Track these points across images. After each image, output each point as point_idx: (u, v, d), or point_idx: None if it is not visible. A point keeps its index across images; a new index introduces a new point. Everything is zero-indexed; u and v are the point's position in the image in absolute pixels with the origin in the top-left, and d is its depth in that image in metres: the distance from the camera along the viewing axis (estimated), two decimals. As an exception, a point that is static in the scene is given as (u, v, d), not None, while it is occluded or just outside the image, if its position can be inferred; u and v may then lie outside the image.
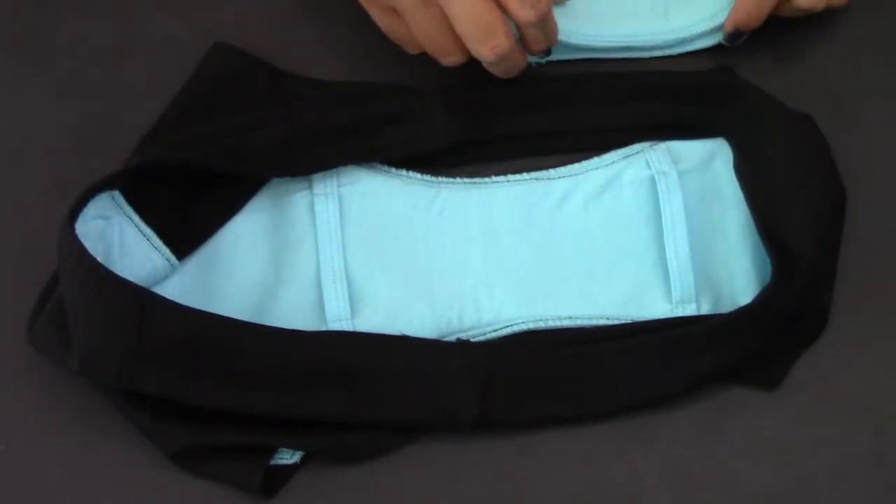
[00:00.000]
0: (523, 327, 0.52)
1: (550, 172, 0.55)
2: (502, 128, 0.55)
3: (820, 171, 0.54)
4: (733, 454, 0.51)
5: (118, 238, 0.50)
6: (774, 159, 0.53)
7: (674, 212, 0.53)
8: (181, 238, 0.52)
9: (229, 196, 0.53)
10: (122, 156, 0.53)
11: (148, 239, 0.51)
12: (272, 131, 0.52)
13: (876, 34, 0.58)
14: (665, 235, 0.53)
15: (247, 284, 0.52)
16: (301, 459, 0.50)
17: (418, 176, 0.54)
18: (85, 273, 0.46)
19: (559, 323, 0.52)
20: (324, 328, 0.52)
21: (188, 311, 0.47)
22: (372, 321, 0.52)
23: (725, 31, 0.55)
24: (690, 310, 0.53)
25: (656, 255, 0.54)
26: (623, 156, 0.55)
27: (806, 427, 0.51)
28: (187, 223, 0.52)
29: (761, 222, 0.53)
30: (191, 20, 0.57)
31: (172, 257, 0.51)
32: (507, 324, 0.52)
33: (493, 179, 0.55)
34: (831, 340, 0.53)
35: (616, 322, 0.52)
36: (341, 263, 0.52)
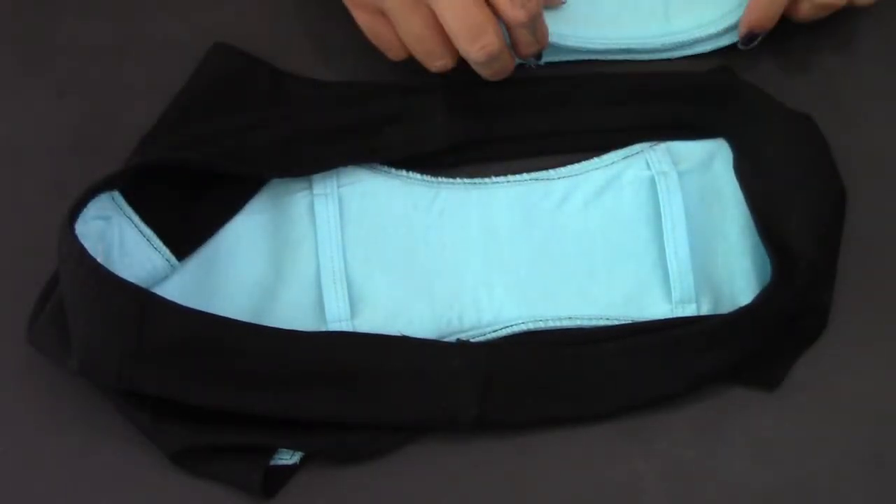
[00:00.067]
0: (523, 327, 0.52)
1: (550, 173, 0.55)
2: (502, 128, 0.55)
3: (820, 171, 0.54)
4: (733, 454, 0.51)
5: (118, 238, 0.50)
6: (774, 159, 0.53)
7: (674, 212, 0.53)
8: (181, 238, 0.52)
9: (229, 196, 0.53)
10: (122, 156, 0.53)
11: (148, 239, 0.51)
12: (272, 131, 0.52)
13: (875, 34, 0.58)
14: (665, 235, 0.53)
15: (247, 284, 0.52)
16: (301, 459, 0.50)
17: (418, 176, 0.54)
18: (85, 273, 0.46)
19: (559, 323, 0.52)
20: (324, 328, 0.52)
21: (188, 312, 0.47)
22: (372, 321, 0.52)
23: (740, 34, 0.55)
24: (690, 310, 0.53)
25: (656, 256, 0.54)
26: (623, 156, 0.55)
27: (806, 427, 0.51)
28: (187, 223, 0.52)
29: (761, 222, 0.53)
30: (191, 20, 0.57)
31: (172, 257, 0.51)
32: (507, 324, 0.52)
33: (493, 179, 0.55)
34: (831, 340, 0.53)
35: (616, 322, 0.52)
36: (341, 264, 0.52)
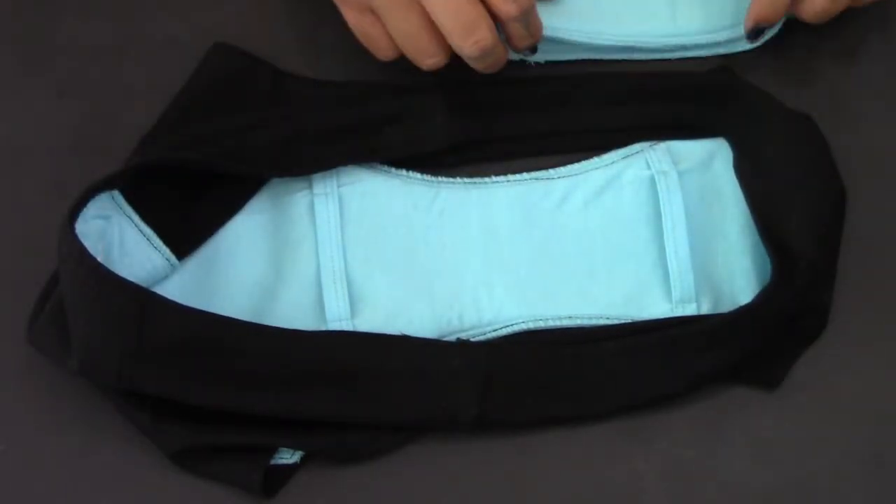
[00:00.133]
0: (523, 327, 0.52)
1: (550, 172, 0.55)
2: (502, 128, 0.55)
3: (820, 171, 0.54)
4: (733, 454, 0.51)
5: (118, 238, 0.50)
6: (774, 159, 0.53)
7: (674, 212, 0.53)
8: (181, 238, 0.52)
9: (229, 196, 0.53)
10: (122, 156, 0.53)
11: (148, 239, 0.51)
12: (272, 131, 0.52)
13: (876, 35, 0.58)
14: (665, 235, 0.53)
15: (247, 284, 0.52)
16: (301, 459, 0.50)
17: (418, 176, 0.54)
18: (85, 273, 0.46)
19: (559, 323, 0.52)
20: (324, 328, 0.52)
21: (188, 311, 0.47)
22: (372, 321, 0.52)
23: (746, 29, 0.54)
24: (690, 310, 0.53)
25: (656, 255, 0.54)
26: (623, 156, 0.55)
27: (806, 427, 0.51)
28: (187, 223, 0.52)
29: (761, 222, 0.53)
30: (191, 20, 0.57)
31: (172, 257, 0.51)
32: (507, 324, 0.52)
33: (493, 179, 0.55)
34: (831, 340, 0.53)
35: (616, 322, 0.52)
36: (341, 263, 0.52)
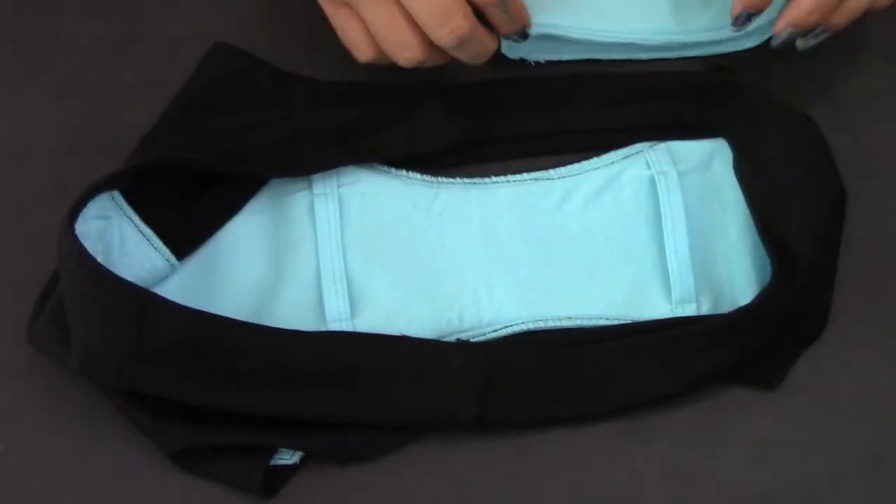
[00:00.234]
0: (523, 327, 0.52)
1: (550, 172, 0.55)
2: (502, 128, 0.55)
3: (820, 171, 0.54)
4: (733, 454, 0.51)
5: (118, 238, 0.50)
6: (774, 159, 0.53)
7: (674, 212, 0.53)
8: (181, 238, 0.52)
9: (229, 196, 0.53)
10: (122, 156, 0.53)
11: (148, 239, 0.51)
12: (272, 131, 0.52)
13: (876, 34, 0.58)
14: (665, 235, 0.53)
15: (247, 284, 0.52)
16: (301, 459, 0.50)
17: (418, 176, 0.54)
18: (85, 273, 0.46)
19: (559, 323, 0.52)
20: (324, 328, 0.52)
21: (188, 311, 0.47)
22: (372, 321, 0.52)
23: (733, 14, 0.52)
24: (690, 310, 0.53)
25: (656, 255, 0.54)
26: (623, 156, 0.55)
27: (806, 427, 0.51)
28: (187, 223, 0.52)
29: (761, 222, 0.53)
30: (191, 20, 0.57)
31: (172, 257, 0.51)
32: (507, 324, 0.52)
33: (493, 179, 0.55)
34: (831, 340, 0.53)
35: (616, 322, 0.52)
36: (341, 263, 0.52)
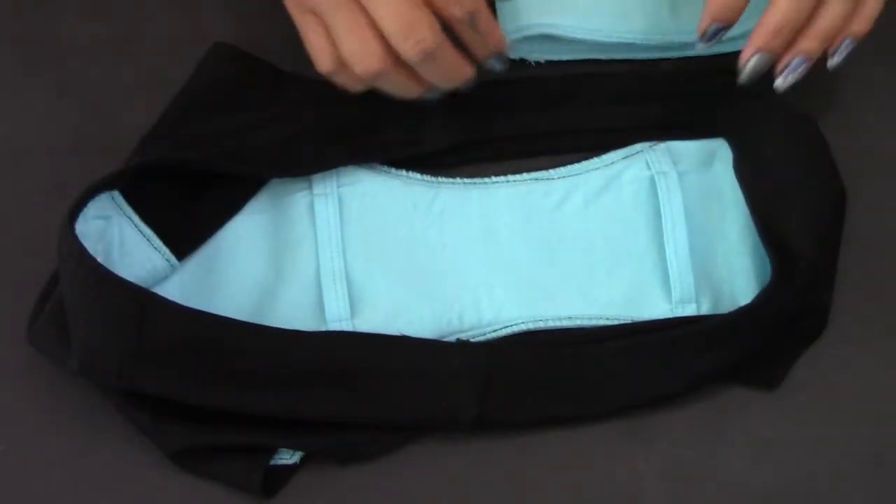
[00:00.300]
0: (523, 327, 0.52)
1: (550, 172, 0.55)
2: (502, 128, 0.55)
3: (820, 171, 0.54)
4: (733, 454, 0.51)
5: (118, 238, 0.50)
6: (774, 159, 0.53)
7: (674, 212, 0.53)
8: (181, 238, 0.52)
9: (229, 196, 0.53)
10: (122, 156, 0.53)
11: (148, 239, 0.51)
12: (272, 131, 0.52)
13: (876, 34, 0.58)
14: (665, 235, 0.53)
15: (247, 284, 0.52)
16: (301, 459, 0.50)
17: (418, 176, 0.54)
18: (85, 273, 0.46)
19: (559, 323, 0.52)
20: (324, 328, 0.52)
21: (188, 311, 0.47)
22: (372, 321, 0.52)
23: (700, 29, 0.50)
24: (690, 310, 0.53)
25: (656, 255, 0.54)
26: (623, 156, 0.55)
27: (806, 427, 0.51)
28: (187, 223, 0.52)
29: (761, 222, 0.53)
30: (191, 20, 0.57)
31: (172, 257, 0.51)
32: (507, 324, 0.52)
33: (493, 179, 0.55)
34: (831, 340, 0.53)
35: (616, 322, 0.52)
36: (341, 263, 0.52)
